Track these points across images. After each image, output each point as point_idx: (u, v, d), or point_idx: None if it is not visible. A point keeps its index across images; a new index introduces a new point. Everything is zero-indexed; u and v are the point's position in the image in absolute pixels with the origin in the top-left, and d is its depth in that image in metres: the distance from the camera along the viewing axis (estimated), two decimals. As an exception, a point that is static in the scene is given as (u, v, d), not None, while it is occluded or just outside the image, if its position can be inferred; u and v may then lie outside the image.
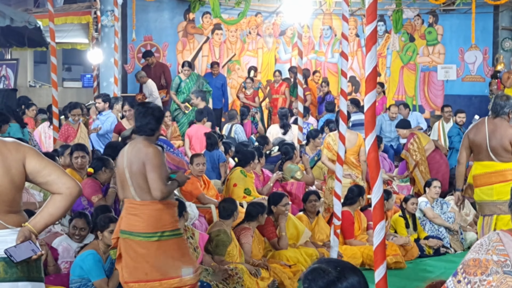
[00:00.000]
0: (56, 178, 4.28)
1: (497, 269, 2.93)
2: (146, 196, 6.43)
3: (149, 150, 6.40)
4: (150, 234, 6.45)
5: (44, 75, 26.95)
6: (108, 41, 17.97)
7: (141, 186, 6.40)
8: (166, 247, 6.52)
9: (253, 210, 9.59)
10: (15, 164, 4.24)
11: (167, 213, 6.55)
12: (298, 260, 9.74)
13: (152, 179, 6.33)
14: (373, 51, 6.04)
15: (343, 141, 9.57)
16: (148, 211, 6.45)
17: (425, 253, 11.26)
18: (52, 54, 12.64)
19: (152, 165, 6.34)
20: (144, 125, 6.50)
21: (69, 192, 4.27)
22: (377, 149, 6.22)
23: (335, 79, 20.53)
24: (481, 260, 2.99)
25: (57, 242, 7.92)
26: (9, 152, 4.24)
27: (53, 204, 4.29)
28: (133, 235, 6.46)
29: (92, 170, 9.14)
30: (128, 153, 6.50)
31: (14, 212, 4.29)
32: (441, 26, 20.78)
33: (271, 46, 20.51)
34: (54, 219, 4.40)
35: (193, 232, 8.79)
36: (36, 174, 4.29)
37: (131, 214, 6.49)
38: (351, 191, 10.96)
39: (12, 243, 4.17)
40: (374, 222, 6.09)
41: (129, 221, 6.48)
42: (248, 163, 11.51)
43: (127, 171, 6.45)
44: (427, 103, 20.81)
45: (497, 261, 2.95)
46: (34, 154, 4.33)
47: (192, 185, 10.65)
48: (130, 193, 6.47)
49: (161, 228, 6.48)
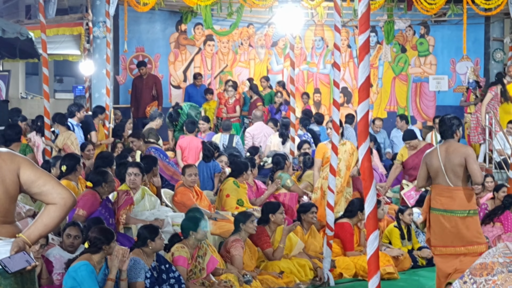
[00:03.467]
0: (51, 188, 4.26)
1: (502, 269, 3.00)
2: (458, 182, 8.34)
3: (467, 148, 8.55)
4: (460, 212, 8.37)
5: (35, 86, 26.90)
6: (100, 52, 17.94)
7: (457, 174, 8.33)
8: (469, 222, 8.38)
9: (237, 221, 9.62)
10: (9, 175, 4.22)
11: (472, 196, 8.51)
12: (291, 271, 9.74)
13: (474, 169, 8.26)
14: (366, 61, 6.04)
15: (336, 152, 9.59)
16: (460, 194, 8.35)
17: (418, 264, 11.25)
18: (44, 65, 12.61)
19: (473, 159, 8.33)
20: (448, 129, 8.52)
21: (64, 202, 4.25)
22: (370, 159, 6.22)
23: (327, 90, 20.55)
24: (487, 263, 3.06)
25: (50, 254, 7.88)
26: (4, 162, 4.22)
27: (47, 215, 4.26)
28: (446, 212, 8.41)
29: (91, 184, 9.07)
30: (444, 152, 8.41)
31: (8, 222, 4.27)
32: (433, 37, 20.83)
33: (263, 57, 20.52)
34: (49, 230, 4.36)
35: (205, 252, 8.77)
36: (30, 184, 4.27)
37: (444, 196, 8.41)
38: (351, 204, 11.01)
39: (5, 254, 4.14)
40: (368, 231, 6.08)
41: (442, 201, 8.43)
42: (241, 174, 11.51)
43: (442, 164, 8.38)
44: (419, 114, 20.84)
45: (502, 262, 3.02)
46: (29, 164, 4.31)
47: (184, 196, 10.64)
48: (444, 180, 8.39)
49: (469, 207, 8.38)
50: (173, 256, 8.50)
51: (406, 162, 13.24)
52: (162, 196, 10.89)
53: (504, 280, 2.98)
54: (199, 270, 8.67)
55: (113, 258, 7.46)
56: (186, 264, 8.49)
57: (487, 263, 3.06)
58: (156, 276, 8.08)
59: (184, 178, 10.85)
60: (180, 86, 19.30)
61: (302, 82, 20.61)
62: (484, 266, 3.06)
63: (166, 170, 12.19)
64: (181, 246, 8.57)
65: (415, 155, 13.39)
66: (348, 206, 11.14)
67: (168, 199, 10.94)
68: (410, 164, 13.32)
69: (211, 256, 8.82)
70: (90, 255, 7.37)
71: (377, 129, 16.96)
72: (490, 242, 12.29)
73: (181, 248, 8.54)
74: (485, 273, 3.05)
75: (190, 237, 8.62)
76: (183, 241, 8.67)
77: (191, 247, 8.64)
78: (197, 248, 8.70)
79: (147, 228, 8.27)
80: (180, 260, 8.47)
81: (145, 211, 9.76)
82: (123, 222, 9.17)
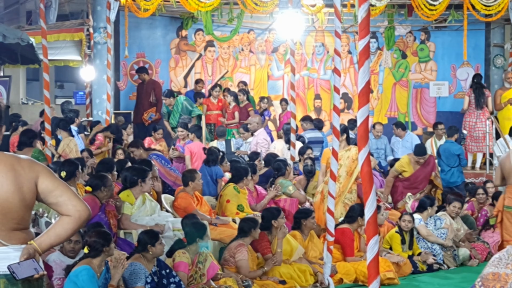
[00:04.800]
0: (67, 200, 4.24)
1: None
2: None
3: None
4: None
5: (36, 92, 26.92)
6: (100, 58, 17.96)
7: None
8: None
9: (246, 226, 9.61)
10: (27, 183, 4.19)
11: None
12: (291, 276, 9.73)
13: None
14: (366, 66, 6.05)
15: (336, 157, 9.59)
16: None
17: (419, 269, 11.26)
18: (45, 70, 12.62)
19: None
20: None
21: (79, 215, 4.23)
22: (370, 164, 6.23)
23: (328, 96, 20.55)
24: (500, 274, 2.98)
25: (50, 259, 7.88)
26: (23, 169, 4.20)
27: (61, 225, 4.24)
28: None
29: (90, 188, 9.07)
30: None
31: (21, 229, 4.25)
32: (433, 43, 20.83)
33: (263, 63, 20.52)
34: (60, 240, 4.36)
35: (206, 258, 8.78)
36: (47, 194, 4.25)
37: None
38: (351, 210, 11.01)
39: (15, 260, 4.12)
40: (368, 236, 6.08)
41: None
42: (242, 179, 11.52)
43: None
44: (419, 119, 20.83)
45: None
46: (48, 173, 4.28)
47: (185, 201, 10.65)
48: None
49: None
50: (174, 262, 8.52)
51: (414, 176, 13.31)
52: (163, 201, 10.90)
53: None
54: (199, 275, 8.67)
55: (118, 266, 7.47)
56: (187, 269, 8.50)
57: (500, 274, 2.99)
58: (157, 281, 8.09)
59: (194, 184, 10.83)
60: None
61: (302, 88, 20.61)
62: (497, 277, 2.99)
63: (168, 175, 12.20)
64: (183, 252, 8.59)
65: (421, 169, 13.47)
66: (348, 211, 11.14)
67: (168, 204, 10.95)
68: (418, 177, 13.39)
69: (212, 262, 8.83)
70: (91, 259, 7.36)
71: (378, 134, 16.93)
72: (491, 248, 12.29)
73: (182, 254, 8.56)
74: (498, 286, 2.98)
75: (195, 244, 8.64)
76: (186, 247, 8.69)
77: (192, 253, 8.65)
78: (198, 254, 8.72)
79: (148, 233, 8.28)
80: (181, 265, 8.48)
81: (146, 217, 9.77)
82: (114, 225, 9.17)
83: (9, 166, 4.18)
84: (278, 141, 15.33)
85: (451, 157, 14.85)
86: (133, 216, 9.61)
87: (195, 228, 8.82)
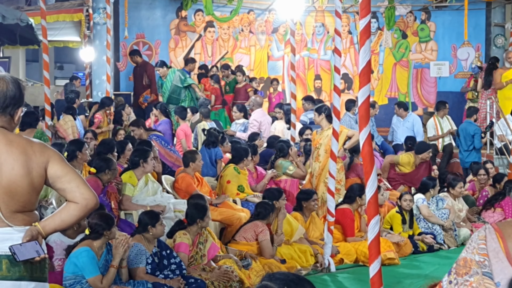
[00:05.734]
0: (75, 187, 4.22)
1: (477, 270, 2.89)
2: None
3: None
4: None
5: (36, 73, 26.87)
6: (100, 39, 17.91)
7: None
8: None
9: (264, 210, 9.67)
10: (37, 168, 4.17)
11: None
12: (292, 257, 9.74)
13: None
14: (367, 46, 6.03)
15: (336, 137, 9.58)
16: None
17: (419, 250, 11.26)
18: (44, 51, 12.59)
19: None
20: None
21: (86, 203, 4.21)
22: (371, 144, 6.21)
23: (328, 76, 20.52)
24: (467, 260, 2.95)
25: (50, 239, 7.87)
26: (34, 154, 4.17)
27: (67, 211, 4.23)
28: None
29: (94, 170, 9.05)
30: None
31: (27, 211, 4.23)
32: (434, 23, 20.78)
33: (263, 43, 20.48)
34: (65, 226, 4.35)
35: (206, 238, 8.79)
36: (56, 180, 4.23)
37: None
38: (350, 190, 11.00)
39: (18, 241, 4.11)
40: (369, 216, 6.08)
41: None
42: (242, 160, 11.50)
43: None
44: (419, 100, 20.81)
45: (478, 261, 2.91)
46: (58, 159, 4.26)
47: (186, 182, 10.64)
48: None
49: None
50: (174, 243, 8.52)
51: (412, 174, 13.34)
52: (163, 182, 10.89)
53: (478, 283, 2.88)
54: (200, 256, 8.68)
55: (118, 246, 7.47)
56: (188, 250, 8.50)
57: (467, 259, 2.94)
58: (157, 262, 8.09)
59: (194, 165, 10.81)
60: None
61: (302, 69, 20.58)
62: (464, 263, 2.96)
63: (168, 157, 12.18)
64: (184, 233, 8.59)
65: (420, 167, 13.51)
66: (347, 191, 11.12)
67: (169, 185, 10.94)
68: (416, 175, 13.41)
69: (212, 243, 8.83)
70: (91, 241, 7.37)
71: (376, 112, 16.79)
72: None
73: (183, 235, 8.55)
74: (464, 272, 2.94)
75: (196, 224, 8.64)
76: (187, 228, 8.69)
77: (193, 234, 8.65)
78: (198, 234, 8.72)
79: (148, 214, 8.27)
80: (181, 246, 8.48)
81: (147, 197, 9.76)
82: (115, 209, 9.16)
83: (21, 149, 4.16)
84: (279, 122, 15.29)
85: (468, 137, 14.88)
86: (135, 197, 9.60)
87: (195, 208, 8.81)
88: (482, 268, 2.87)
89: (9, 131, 4.26)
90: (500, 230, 2.91)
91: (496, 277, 2.85)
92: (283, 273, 3.00)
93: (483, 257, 2.89)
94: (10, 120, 4.29)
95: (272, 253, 9.48)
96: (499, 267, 2.86)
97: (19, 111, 4.34)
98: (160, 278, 7.99)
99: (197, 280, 8.14)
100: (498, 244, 2.89)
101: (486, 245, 2.91)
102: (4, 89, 4.25)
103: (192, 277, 8.20)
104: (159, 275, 8.06)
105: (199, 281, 8.12)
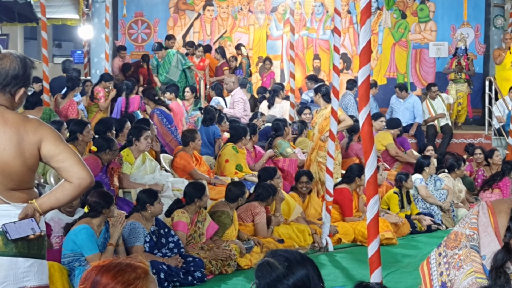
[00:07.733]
0: (69, 166, 4.20)
1: (466, 243, 2.95)
2: None
3: None
4: None
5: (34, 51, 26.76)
6: (99, 16, 17.85)
7: None
8: None
9: (266, 192, 9.64)
10: (29, 148, 4.15)
11: None
12: (290, 236, 9.75)
13: None
14: (368, 25, 6.01)
15: (335, 117, 9.57)
16: None
17: (417, 230, 11.28)
18: (43, 29, 12.56)
19: None
20: None
21: (79, 183, 4.20)
22: (371, 124, 6.20)
23: (327, 56, 20.47)
24: (458, 234, 3.01)
25: (48, 217, 7.87)
26: (26, 134, 4.14)
27: (61, 191, 4.23)
28: None
29: (95, 148, 9.03)
30: None
31: (23, 189, 4.23)
32: (433, 3, 20.70)
33: (262, 22, 20.40)
34: (60, 205, 4.37)
35: (205, 217, 8.80)
36: (49, 159, 4.21)
37: None
38: (349, 169, 10.99)
39: (15, 217, 4.11)
40: (368, 196, 6.08)
41: None
42: (240, 139, 11.50)
43: None
44: (418, 80, 20.76)
45: (467, 235, 2.96)
46: (52, 138, 4.22)
47: (184, 160, 10.64)
48: None
49: None
50: (173, 221, 8.53)
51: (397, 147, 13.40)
52: (161, 160, 10.88)
53: (466, 256, 2.92)
54: (198, 235, 8.70)
55: (116, 224, 7.48)
56: (186, 229, 8.51)
57: (457, 233, 2.99)
58: (155, 240, 8.11)
59: (194, 144, 10.80)
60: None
61: (301, 48, 20.51)
62: (455, 237, 3.00)
63: (165, 136, 12.15)
64: (182, 212, 8.59)
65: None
66: (346, 171, 11.12)
67: (167, 163, 10.94)
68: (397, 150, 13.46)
69: (211, 222, 8.85)
70: (90, 219, 7.38)
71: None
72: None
73: (181, 214, 8.56)
74: (453, 245, 2.99)
75: (194, 203, 8.64)
76: (185, 207, 8.69)
77: (191, 213, 8.66)
78: (197, 213, 8.73)
79: (146, 192, 8.28)
80: (179, 225, 8.49)
81: (145, 176, 9.76)
82: (116, 186, 9.16)
83: (15, 129, 4.14)
84: (285, 102, 15.14)
85: None
86: (133, 175, 9.60)
87: (193, 187, 8.82)
88: (471, 241, 2.93)
89: (9, 109, 4.24)
90: (492, 206, 2.99)
91: (483, 250, 2.91)
92: (286, 250, 3.02)
93: (473, 230, 2.96)
94: (11, 98, 4.26)
95: (266, 235, 9.47)
96: (486, 241, 2.92)
97: (21, 91, 4.30)
98: (158, 256, 8.02)
99: (195, 258, 8.16)
100: (488, 219, 2.96)
101: (477, 219, 2.97)
102: (7, 67, 4.22)
103: (190, 255, 8.23)
104: (157, 253, 8.08)
105: (197, 260, 8.15)
